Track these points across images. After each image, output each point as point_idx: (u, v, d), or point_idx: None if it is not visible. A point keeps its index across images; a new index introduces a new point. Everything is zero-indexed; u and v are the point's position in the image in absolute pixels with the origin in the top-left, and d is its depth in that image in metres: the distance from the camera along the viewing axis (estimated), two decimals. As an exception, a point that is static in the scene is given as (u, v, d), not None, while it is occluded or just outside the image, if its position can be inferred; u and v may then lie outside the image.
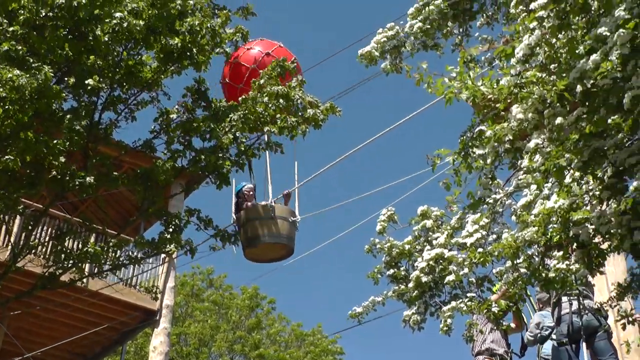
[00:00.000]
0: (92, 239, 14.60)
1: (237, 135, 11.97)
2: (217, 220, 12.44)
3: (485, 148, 5.75)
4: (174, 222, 12.10)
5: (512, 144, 5.72)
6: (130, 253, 12.67)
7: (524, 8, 7.43)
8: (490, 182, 6.08)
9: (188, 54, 11.31)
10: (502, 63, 5.33)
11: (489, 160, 5.86)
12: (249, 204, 12.91)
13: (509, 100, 5.53)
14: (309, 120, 12.56)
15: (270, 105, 11.94)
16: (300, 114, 12.43)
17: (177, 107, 11.94)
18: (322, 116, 12.58)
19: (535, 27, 4.91)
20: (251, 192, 13.18)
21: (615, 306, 7.71)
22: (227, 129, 11.78)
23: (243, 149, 12.14)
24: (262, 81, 12.19)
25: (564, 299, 8.75)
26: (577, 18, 4.85)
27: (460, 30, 8.60)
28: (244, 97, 12.13)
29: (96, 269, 12.82)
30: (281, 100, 12.06)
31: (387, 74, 8.25)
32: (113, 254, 12.47)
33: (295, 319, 27.50)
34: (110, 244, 12.09)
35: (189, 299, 25.68)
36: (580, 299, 8.50)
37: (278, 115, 12.19)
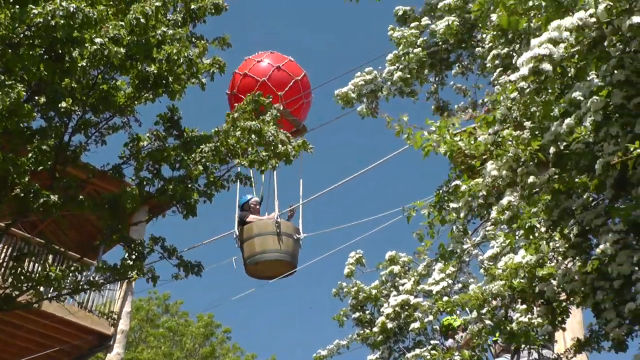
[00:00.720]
0: (50, 260, 14.46)
1: (208, 165, 11.99)
2: (181, 250, 12.39)
3: (460, 202, 5.88)
4: (137, 249, 12.04)
5: (486, 199, 5.86)
6: (91, 277, 12.55)
7: (502, 68, 7.66)
8: (462, 236, 6.20)
9: (163, 82, 11.32)
10: (482, 130, 5.46)
11: (462, 214, 5.98)
12: (253, 217, 12.73)
13: (484, 157, 5.67)
14: (280, 156, 12.64)
15: (242, 139, 11.99)
16: (272, 148, 12.50)
17: (148, 134, 11.94)
18: (294, 152, 12.68)
19: (516, 97, 5.04)
20: (257, 206, 13.03)
21: (571, 358, 7.85)
22: (197, 160, 11.80)
23: (212, 179, 12.16)
24: (236, 115, 12.24)
25: (524, 347, 8.87)
26: (555, 85, 5.00)
27: (436, 78, 8.80)
28: (216, 129, 12.17)
29: (55, 292, 12.68)
30: (253, 136, 12.12)
31: (362, 117, 8.41)
32: (73, 278, 12.35)
33: (250, 350, 27.40)
34: (72, 267, 11.98)
35: (144, 324, 25.46)
36: (539, 349, 8.62)
37: (249, 149, 12.25)
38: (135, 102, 11.61)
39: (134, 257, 11.99)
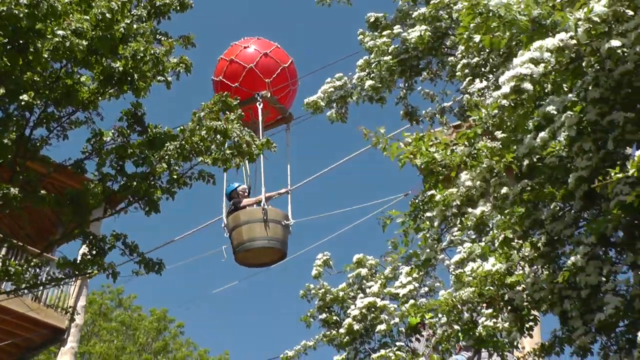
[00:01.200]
0: (3, 253, 14.32)
1: (171, 163, 11.98)
2: (143, 247, 12.34)
3: (434, 211, 6.01)
4: (98, 245, 11.99)
5: (459, 209, 6.00)
6: (52, 273, 12.47)
7: (472, 77, 7.82)
8: (436, 244, 6.34)
9: (129, 78, 11.29)
10: (479, 159, 5.59)
11: (436, 223, 6.12)
12: (247, 200, 12.58)
13: (461, 166, 5.82)
14: (244, 155, 12.68)
15: (207, 138, 12.00)
16: (236, 147, 12.53)
17: (112, 130, 11.87)
18: (257, 151, 12.73)
19: (497, 114, 5.18)
20: (246, 193, 12.91)
21: (531, 361, 8.05)
22: (161, 157, 11.78)
23: (175, 177, 12.15)
24: (202, 114, 12.23)
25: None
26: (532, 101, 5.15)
27: (405, 84, 8.93)
28: (181, 127, 12.16)
29: (14, 286, 12.56)
30: (218, 136, 12.14)
31: (332, 122, 8.53)
32: (32, 273, 12.25)
33: (204, 345, 27.33)
34: (32, 262, 11.89)
35: (97, 317, 25.29)
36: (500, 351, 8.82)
37: (213, 147, 12.26)
38: (99, 98, 11.54)
39: (94, 252, 11.94)
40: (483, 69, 8.03)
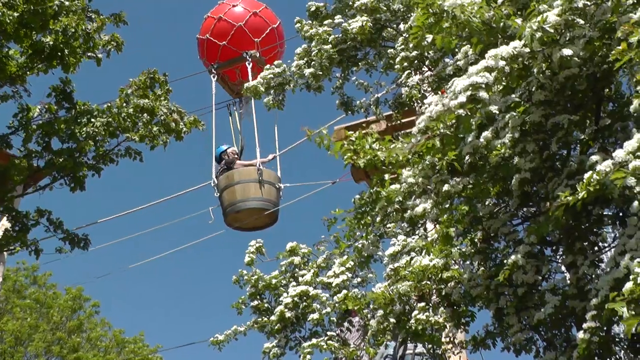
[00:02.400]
0: None
1: (98, 139, 11.82)
2: (68, 223, 12.13)
3: (377, 206, 6.06)
4: (21, 221, 11.74)
5: (402, 205, 6.07)
6: (-28, 248, 12.14)
7: (410, 70, 7.89)
8: (378, 241, 6.40)
9: (58, 54, 11.06)
10: (422, 157, 5.63)
11: (378, 219, 6.17)
12: (240, 162, 12.18)
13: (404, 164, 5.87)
14: (171, 132, 12.58)
15: (134, 116, 11.86)
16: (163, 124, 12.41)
17: (39, 106, 11.62)
18: (185, 129, 12.64)
19: (453, 124, 5.24)
20: (236, 154, 12.50)
21: (458, 353, 8.21)
22: (88, 133, 11.60)
23: (101, 153, 12.00)
24: (129, 90, 12.07)
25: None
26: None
27: (342, 74, 8.96)
28: (108, 104, 11.97)
29: None
30: (145, 114, 12.01)
31: (269, 109, 8.52)
32: (-48, 248, 11.93)
33: (119, 325, 26.99)
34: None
35: (10, 294, 24.70)
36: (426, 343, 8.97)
37: (140, 124, 12.14)
38: (28, 73, 11.29)
39: (17, 229, 11.69)
40: (421, 63, 8.11)
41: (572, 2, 4.85)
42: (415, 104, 8.83)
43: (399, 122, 9.73)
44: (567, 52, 4.82)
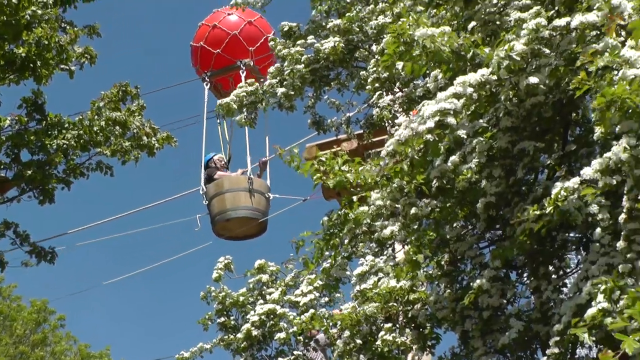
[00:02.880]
0: None
1: (69, 152, 11.82)
2: (35, 236, 12.07)
3: (345, 228, 6.10)
4: (-14, 233, 11.68)
5: (369, 227, 6.11)
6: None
7: (381, 92, 7.97)
8: (346, 263, 6.44)
9: (31, 65, 11.05)
10: (391, 180, 5.68)
11: (346, 241, 6.22)
12: (221, 173, 12.03)
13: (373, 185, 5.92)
14: (143, 148, 12.59)
15: (106, 129, 11.86)
16: (135, 139, 12.41)
17: (9, 118, 11.58)
18: (157, 145, 12.66)
19: (421, 149, 5.30)
20: (223, 162, 12.32)
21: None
22: (59, 146, 11.58)
23: (72, 166, 11.99)
24: (102, 103, 12.07)
25: None
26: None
27: (314, 94, 9.02)
28: (80, 117, 11.94)
29: None
30: (117, 127, 12.02)
31: (241, 126, 8.56)
32: None
33: (85, 340, 26.71)
34: None
35: (-28, 306, 24.42)
36: None
37: (112, 139, 12.14)
38: (-1, 83, 11.26)
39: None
40: (392, 84, 8.18)
41: (538, 32, 4.94)
42: (387, 124, 8.91)
43: (369, 141, 9.80)
44: (533, 80, 4.91)
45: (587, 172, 4.46)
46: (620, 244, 4.53)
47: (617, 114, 4.05)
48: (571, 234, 5.69)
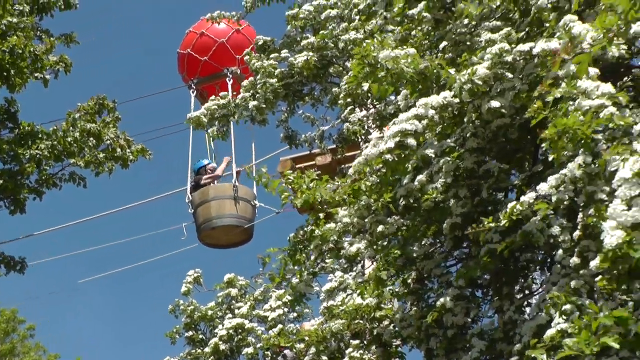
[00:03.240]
0: None
1: (42, 162, 11.80)
2: (4, 246, 12.02)
3: (312, 245, 6.13)
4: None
5: (336, 244, 6.14)
6: None
7: (353, 107, 8.01)
8: (312, 279, 6.45)
9: (4, 73, 11.03)
10: (358, 197, 5.72)
11: (312, 257, 6.24)
12: (207, 177, 11.95)
13: (341, 204, 5.95)
14: (117, 159, 12.59)
15: (81, 140, 11.85)
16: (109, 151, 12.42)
17: (-18, 126, 11.56)
18: (132, 157, 12.66)
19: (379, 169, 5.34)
20: (212, 171, 12.21)
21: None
22: (32, 155, 11.56)
23: (45, 177, 11.97)
24: (77, 115, 12.05)
25: None
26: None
27: (288, 108, 9.05)
28: (54, 127, 11.91)
29: None
30: (92, 138, 12.01)
31: (213, 139, 8.56)
32: None
33: (55, 350, 26.38)
34: None
35: (-62, 316, 24.05)
36: None
37: (86, 150, 12.14)
38: (-28, 91, 11.24)
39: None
40: (365, 99, 8.21)
41: (501, 57, 4.99)
42: (360, 139, 8.94)
43: (342, 156, 9.84)
44: (495, 104, 4.96)
45: (543, 187, 4.51)
46: (574, 260, 4.57)
47: (569, 144, 4.10)
48: (536, 254, 5.73)
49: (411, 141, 4.92)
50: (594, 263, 3.78)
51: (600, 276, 3.83)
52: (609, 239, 3.32)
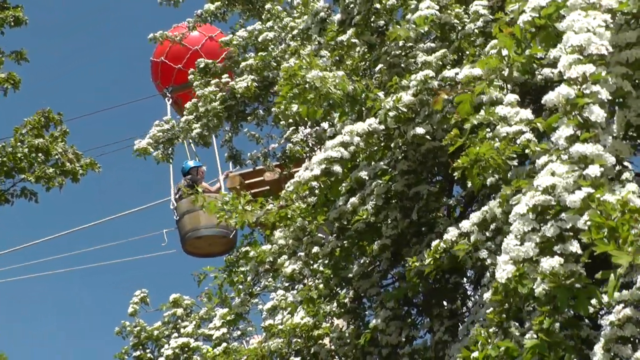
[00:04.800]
0: None
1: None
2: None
3: (248, 266, 6.22)
4: None
5: (272, 265, 6.24)
6: None
7: (294, 127, 8.12)
8: (248, 300, 6.54)
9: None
10: (292, 220, 5.81)
11: (249, 278, 6.33)
12: (205, 185, 11.80)
13: (275, 225, 6.04)
14: (67, 174, 12.62)
15: (29, 155, 11.89)
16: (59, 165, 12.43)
17: None
18: (82, 171, 12.71)
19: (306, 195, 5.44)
20: (203, 175, 12.08)
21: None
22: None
23: (-4, 193, 11.98)
24: (24, 131, 12.07)
25: None
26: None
27: (231, 128, 9.14)
28: (3, 144, 11.92)
29: None
30: (40, 154, 12.03)
31: (157, 162, 8.65)
32: None
33: (15, 360, 26.18)
34: None
35: None
36: None
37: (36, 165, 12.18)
38: None
39: None
40: (300, 120, 8.33)
41: (426, 84, 5.10)
42: (305, 156, 9.06)
43: (289, 172, 9.94)
44: (420, 130, 5.07)
45: (465, 225, 4.61)
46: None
47: (483, 171, 4.20)
48: (466, 276, 5.86)
49: (337, 168, 5.02)
50: (487, 295, 3.89)
51: (491, 309, 3.90)
52: (500, 273, 3.43)
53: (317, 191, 5.79)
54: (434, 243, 4.78)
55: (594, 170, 3.27)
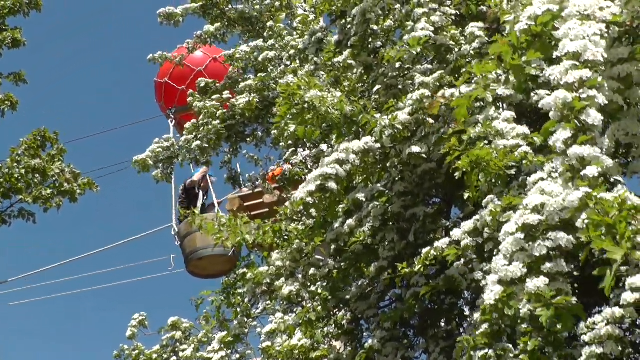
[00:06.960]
0: None
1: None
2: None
3: (245, 288, 6.19)
4: None
5: (269, 287, 6.21)
6: None
7: (294, 148, 8.12)
8: (245, 322, 6.51)
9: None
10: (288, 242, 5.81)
11: (246, 299, 6.30)
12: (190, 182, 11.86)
13: (273, 247, 6.03)
14: (65, 194, 12.60)
15: (26, 176, 11.88)
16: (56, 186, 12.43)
17: None
18: (79, 191, 12.68)
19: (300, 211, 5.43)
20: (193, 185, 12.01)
21: None
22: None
23: (-6, 214, 11.96)
24: (20, 151, 12.07)
25: None
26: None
27: (231, 149, 9.13)
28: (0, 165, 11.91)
29: None
30: (37, 175, 12.02)
31: (157, 182, 8.64)
32: None
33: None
34: None
35: None
36: None
37: (33, 186, 12.16)
38: None
39: None
40: (299, 141, 8.31)
41: (422, 103, 5.10)
42: (304, 178, 9.04)
43: (288, 194, 9.92)
44: (415, 149, 5.07)
45: (457, 233, 4.62)
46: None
47: (483, 179, 4.19)
48: (462, 297, 5.83)
49: (332, 184, 5.01)
50: (476, 316, 3.86)
51: (480, 330, 3.85)
52: (488, 294, 3.41)
53: (314, 213, 5.78)
54: (424, 250, 4.79)
55: (591, 171, 3.29)
